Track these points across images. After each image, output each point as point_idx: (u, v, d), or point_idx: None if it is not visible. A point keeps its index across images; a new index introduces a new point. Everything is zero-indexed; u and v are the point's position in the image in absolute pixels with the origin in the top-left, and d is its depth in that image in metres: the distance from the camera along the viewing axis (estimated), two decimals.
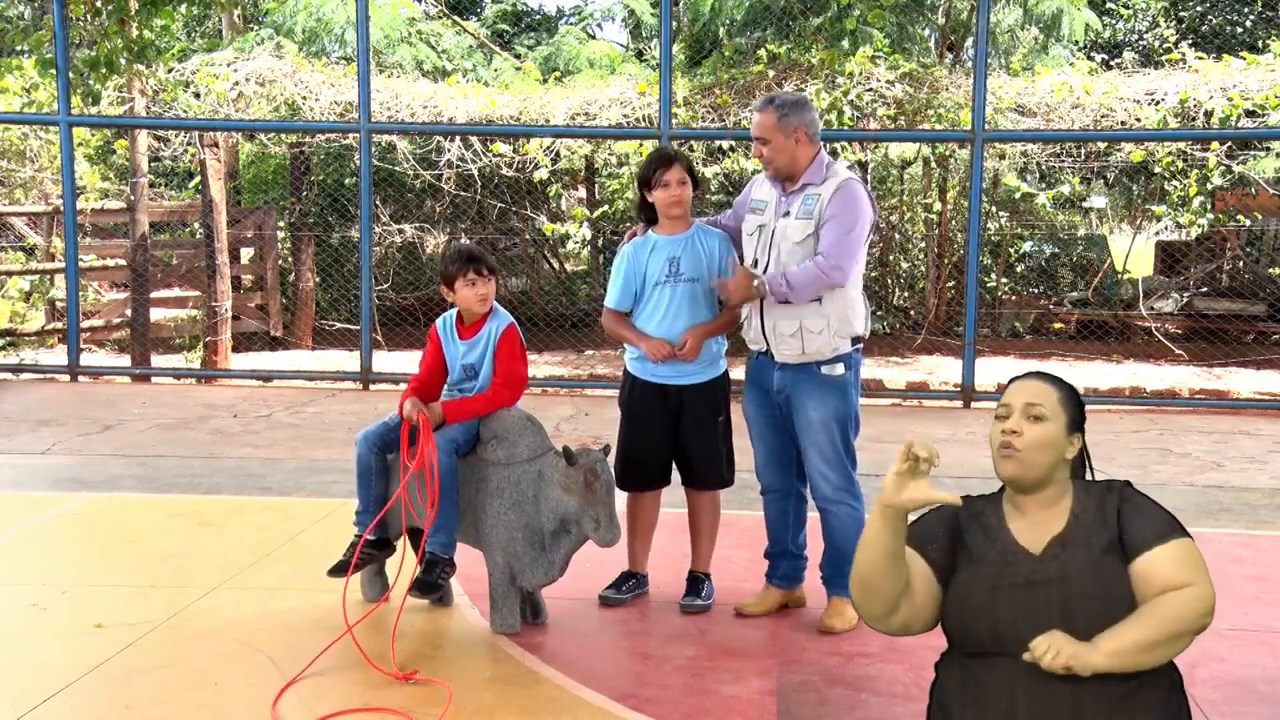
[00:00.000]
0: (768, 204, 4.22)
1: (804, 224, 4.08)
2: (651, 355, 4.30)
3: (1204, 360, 11.60)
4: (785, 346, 4.11)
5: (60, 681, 3.59)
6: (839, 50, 11.85)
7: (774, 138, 4.12)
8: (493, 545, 4.03)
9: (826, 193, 4.09)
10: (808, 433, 4.13)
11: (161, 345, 12.19)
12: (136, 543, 5.09)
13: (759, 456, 4.34)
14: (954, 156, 12.17)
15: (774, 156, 4.14)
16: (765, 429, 4.28)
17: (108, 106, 11.37)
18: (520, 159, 11.56)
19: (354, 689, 3.60)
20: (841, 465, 4.15)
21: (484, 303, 4.20)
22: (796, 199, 4.14)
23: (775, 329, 4.11)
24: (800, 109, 4.16)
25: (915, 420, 8.55)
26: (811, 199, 4.10)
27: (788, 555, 4.35)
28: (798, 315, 4.07)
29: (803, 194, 4.13)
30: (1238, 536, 5.51)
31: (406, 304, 12.87)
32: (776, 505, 4.34)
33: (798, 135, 4.13)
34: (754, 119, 4.20)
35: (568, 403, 9.14)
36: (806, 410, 4.12)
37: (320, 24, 14.37)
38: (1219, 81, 11.09)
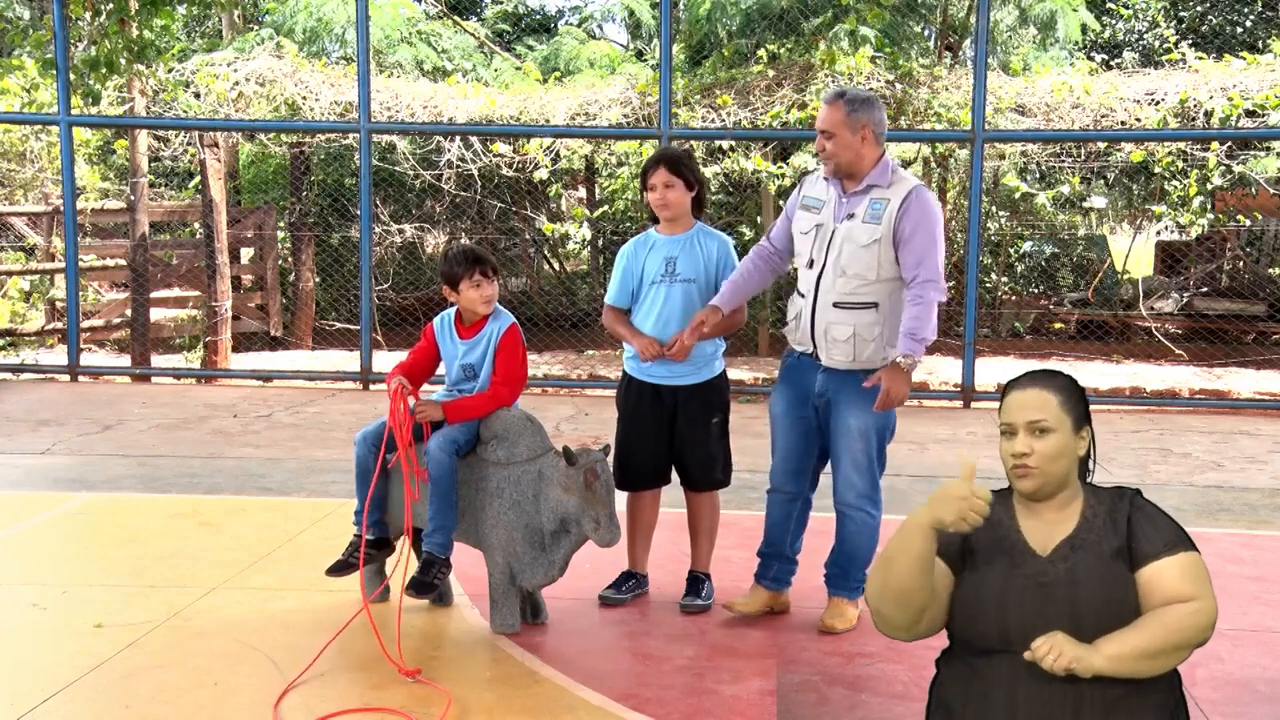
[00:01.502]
0: (825, 203, 4.14)
1: (871, 228, 4.00)
2: (641, 354, 4.31)
3: (1204, 360, 11.60)
4: (836, 351, 4.05)
5: (60, 681, 3.59)
6: (839, 50, 11.84)
7: (840, 133, 4.02)
8: (493, 545, 4.03)
9: (895, 199, 4.02)
10: (845, 439, 4.09)
11: (161, 345, 12.20)
12: (136, 543, 5.09)
13: (777, 456, 4.26)
14: (954, 156, 12.16)
15: (838, 152, 4.04)
16: (791, 431, 4.22)
17: (108, 106, 11.37)
18: (520, 159, 11.56)
19: (354, 689, 3.60)
20: (871, 473, 4.14)
21: (489, 304, 4.19)
22: (860, 201, 4.06)
23: (827, 332, 4.05)
24: (870, 107, 4.09)
25: (915, 420, 8.55)
26: (879, 203, 4.03)
27: (782, 559, 4.31)
28: (852, 321, 4.02)
29: (868, 196, 4.06)
30: (1238, 536, 5.51)
31: (406, 304, 12.88)
32: (782, 508, 4.28)
33: (865, 133, 4.05)
34: (821, 112, 4.10)
35: (568, 403, 9.14)
36: (848, 418, 4.07)
37: (320, 24, 14.36)
38: (1219, 81, 11.08)
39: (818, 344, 4.10)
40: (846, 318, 4.03)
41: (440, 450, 4.00)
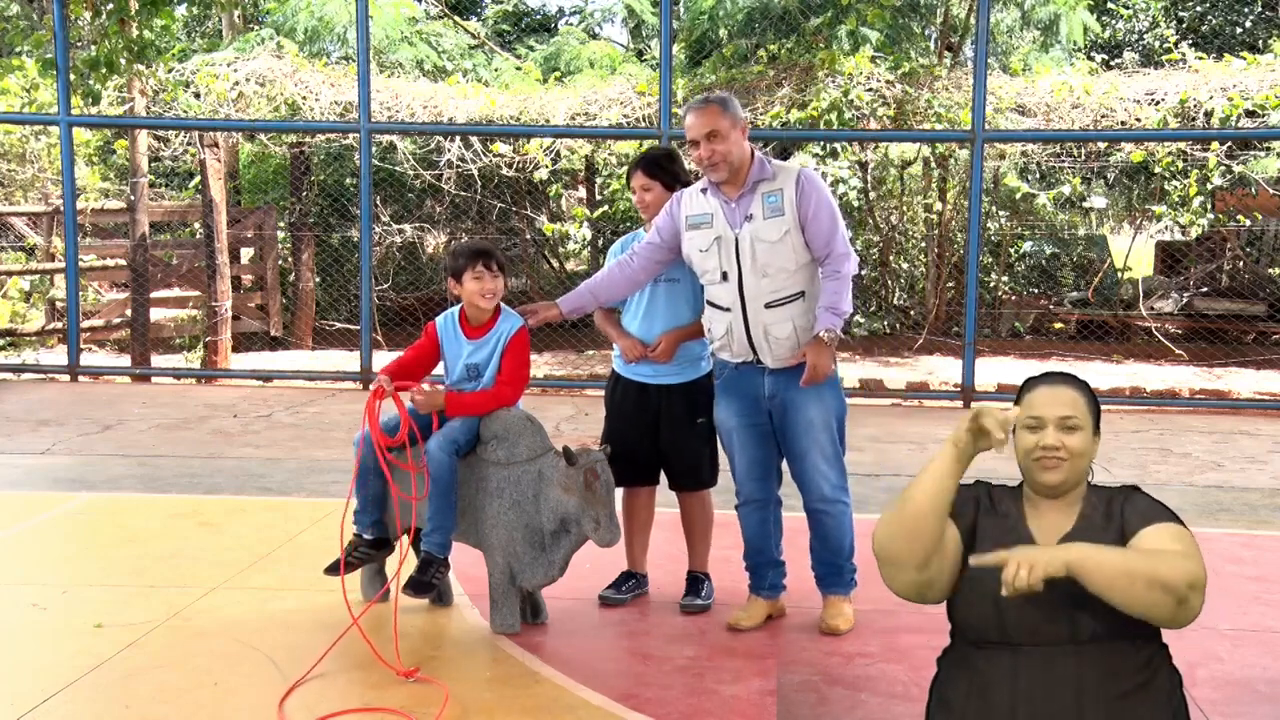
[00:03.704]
0: (711, 215, 4.07)
1: (776, 222, 3.98)
2: (624, 355, 4.34)
3: (1204, 360, 11.60)
4: (781, 349, 4.04)
5: (60, 681, 3.59)
6: (839, 50, 11.85)
7: (728, 133, 3.97)
8: (493, 545, 4.03)
9: (788, 186, 4.00)
10: (809, 433, 4.08)
11: (161, 345, 12.20)
12: (136, 543, 5.09)
13: (740, 468, 4.22)
14: (954, 156, 12.17)
15: (729, 150, 3.97)
16: (749, 439, 4.18)
17: (108, 106, 11.38)
18: (520, 159, 11.57)
19: (354, 689, 3.60)
20: (839, 463, 4.14)
21: (488, 299, 4.16)
22: (751, 200, 4.02)
23: (768, 334, 4.03)
24: (737, 105, 4.08)
25: (915, 420, 8.55)
26: (774, 196, 4.00)
27: (772, 565, 4.28)
28: (789, 316, 4.02)
29: (756, 193, 4.02)
30: (1238, 536, 5.51)
31: (406, 304, 12.88)
32: (757, 515, 4.24)
33: (742, 130, 4.03)
34: (695, 119, 4.00)
35: (568, 403, 9.14)
36: (807, 411, 4.06)
37: (321, 24, 14.37)
38: (1219, 81, 11.09)
39: (758, 349, 4.06)
40: (782, 315, 4.02)
41: (440, 450, 3.99)
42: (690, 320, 4.33)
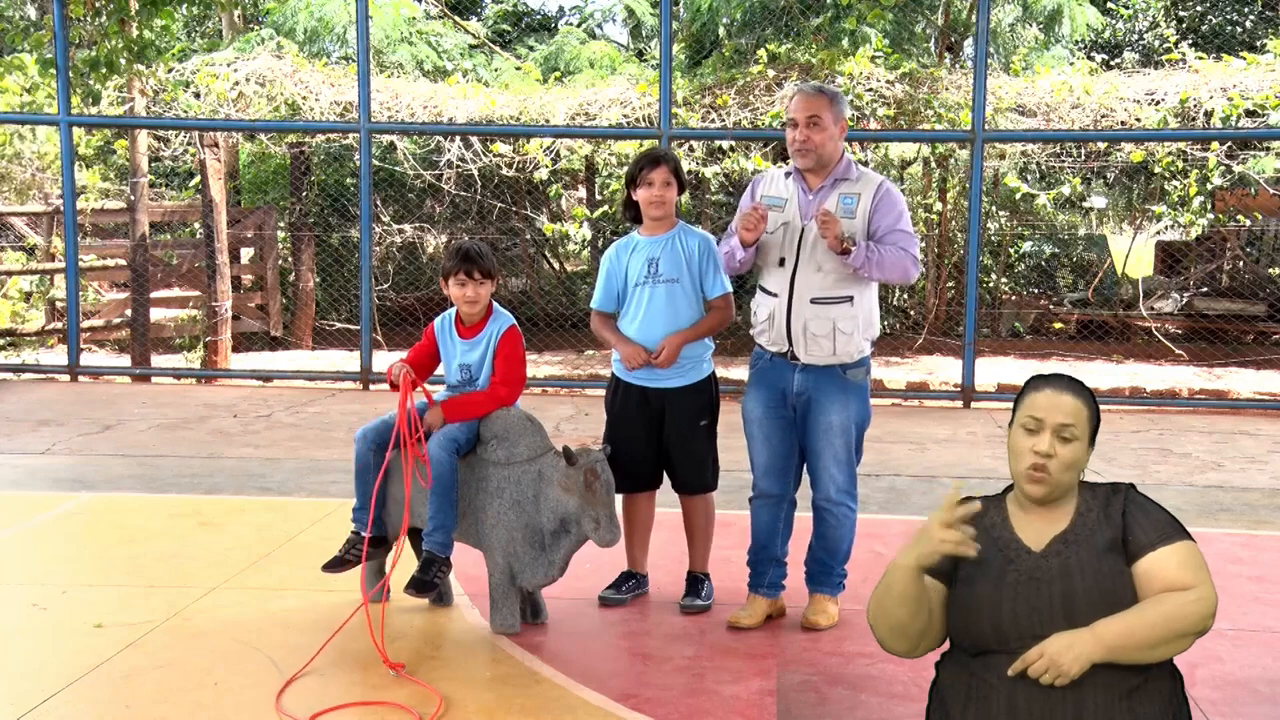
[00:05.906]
0: (787, 200, 4.12)
1: (846, 224, 3.99)
2: (626, 362, 4.30)
3: (1204, 360, 11.60)
4: (816, 347, 4.05)
5: (60, 681, 3.59)
6: (839, 50, 11.84)
7: (829, 126, 4.02)
8: (493, 545, 4.02)
9: (867, 193, 4.04)
10: (825, 435, 4.08)
11: (161, 345, 12.19)
12: (136, 543, 5.09)
13: (761, 461, 4.22)
14: (954, 156, 12.16)
15: (824, 141, 4.01)
16: (773, 433, 4.18)
17: (108, 106, 11.37)
18: (520, 159, 11.56)
19: (353, 686, 3.60)
20: (850, 468, 4.15)
21: (470, 305, 4.17)
22: (828, 196, 4.06)
23: (806, 329, 4.03)
24: (845, 102, 4.15)
25: (915, 420, 8.55)
26: (850, 198, 4.03)
27: (774, 563, 4.28)
28: (831, 316, 4.02)
29: (835, 191, 4.06)
30: (1238, 536, 5.51)
31: (406, 304, 12.88)
32: (770, 511, 4.24)
33: (842, 127, 4.08)
34: (800, 101, 4.05)
35: (568, 403, 9.14)
36: (829, 414, 4.07)
37: (321, 24, 14.37)
38: (1219, 81, 11.08)
39: (794, 342, 4.08)
40: (824, 313, 4.03)
41: (440, 450, 3.99)
42: (690, 322, 4.31)
